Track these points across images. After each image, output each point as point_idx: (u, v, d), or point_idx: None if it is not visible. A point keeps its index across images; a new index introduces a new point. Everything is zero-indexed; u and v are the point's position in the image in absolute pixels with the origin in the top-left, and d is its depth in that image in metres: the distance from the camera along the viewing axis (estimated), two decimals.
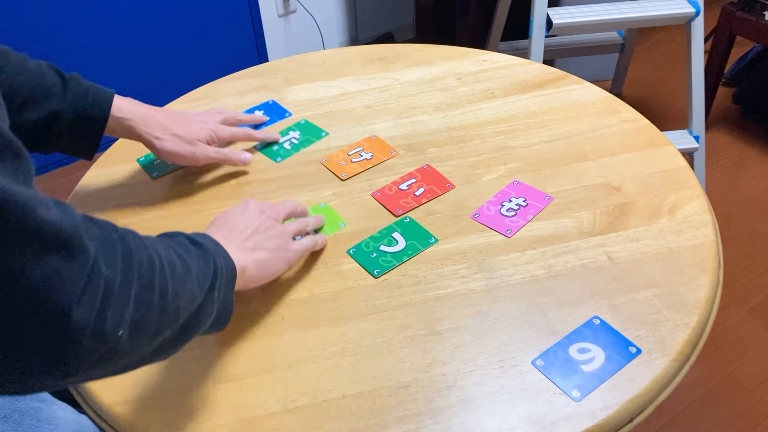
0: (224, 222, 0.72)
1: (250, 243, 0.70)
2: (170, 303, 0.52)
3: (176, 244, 0.59)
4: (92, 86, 0.82)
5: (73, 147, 0.83)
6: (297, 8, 2.39)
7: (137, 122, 0.84)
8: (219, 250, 0.63)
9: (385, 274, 0.78)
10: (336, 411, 0.64)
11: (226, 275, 0.62)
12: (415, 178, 0.91)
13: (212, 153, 0.90)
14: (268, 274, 0.71)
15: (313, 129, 1.00)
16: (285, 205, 0.79)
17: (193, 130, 0.88)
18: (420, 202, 0.87)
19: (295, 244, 0.75)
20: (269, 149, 0.97)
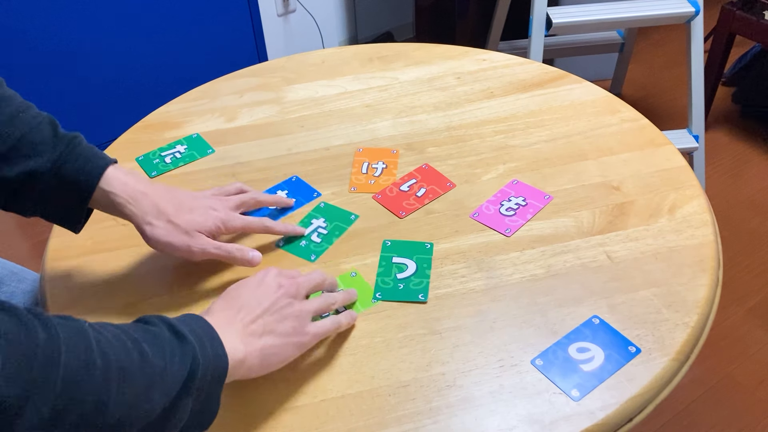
0: (235, 297, 0.64)
1: (257, 326, 0.61)
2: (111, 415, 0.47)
3: (147, 337, 0.52)
4: (90, 150, 0.71)
5: (55, 215, 0.72)
6: (296, 7, 2.39)
7: (126, 200, 0.71)
8: (209, 343, 0.56)
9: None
10: (335, 410, 0.64)
11: (212, 374, 0.55)
12: (415, 178, 0.90)
13: (212, 249, 0.73)
14: (274, 363, 0.62)
15: (338, 213, 0.86)
16: (310, 276, 0.69)
17: (195, 219, 0.74)
18: (422, 203, 0.87)
19: (313, 327, 0.65)
20: (295, 246, 0.82)
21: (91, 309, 0.75)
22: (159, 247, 0.73)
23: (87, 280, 0.79)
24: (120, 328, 0.52)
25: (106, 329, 0.50)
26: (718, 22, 1.98)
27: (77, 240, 0.84)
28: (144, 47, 2.08)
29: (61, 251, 0.83)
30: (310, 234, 0.83)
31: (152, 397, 0.50)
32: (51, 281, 0.79)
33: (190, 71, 2.18)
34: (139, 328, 0.54)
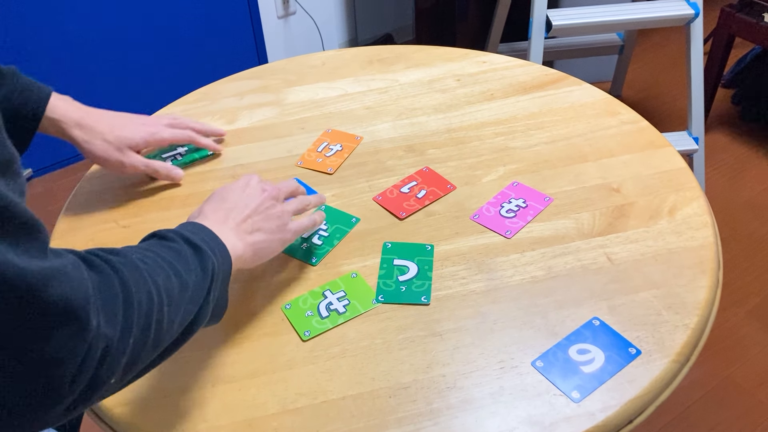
0: (223, 199, 0.71)
1: (248, 225, 0.69)
2: (165, 333, 0.53)
3: (173, 254, 0.58)
4: (29, 83, 0.79)
5: None
6: (297, 10, 2.39)
7: (69, 124, 0.82)
8: (217, 246, 0.62)
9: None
10: (335, 412, 0.64)
11: (222, 275, 0.62)
12: (415, 180, 0.91)
13: (140, 164, 0.87)
14: (263, 257, 0.71)
15: (340, 216, 0.86)
16: (287, 183, 0.77)
17: (126, 135, 0.86)
18: (423, 204, 0.87)
19: (293, 225, 0.74)
20: (297, 249, 0.82)
21: None
22: (97, 161, 0.86)
23: None
24: (153, 251, 0.57)
25: (148, 258, 0.55)
26: (718, 24, 1.99)
27: (77, 241, 0.85)
28: (145, 49, 2.08)
29: None
30: (311, 237, 0.83)
31: (188, 308, 0.57)
32: None
33: (190, 73, 2.19)
34: (163, 246, 0.59)
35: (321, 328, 0.72)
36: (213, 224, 0.65)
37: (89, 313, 0.45)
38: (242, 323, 0.73)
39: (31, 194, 2.09)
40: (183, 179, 0.93)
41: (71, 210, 0.90)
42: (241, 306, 0.75)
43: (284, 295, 0.76)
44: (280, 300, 0.76)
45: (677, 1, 1.68)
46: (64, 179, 2.13)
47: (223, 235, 0.64)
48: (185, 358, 0.70)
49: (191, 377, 0.68)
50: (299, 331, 0.72)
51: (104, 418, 0.66)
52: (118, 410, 0.65)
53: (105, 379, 0.47)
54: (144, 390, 0.67)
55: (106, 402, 0.66)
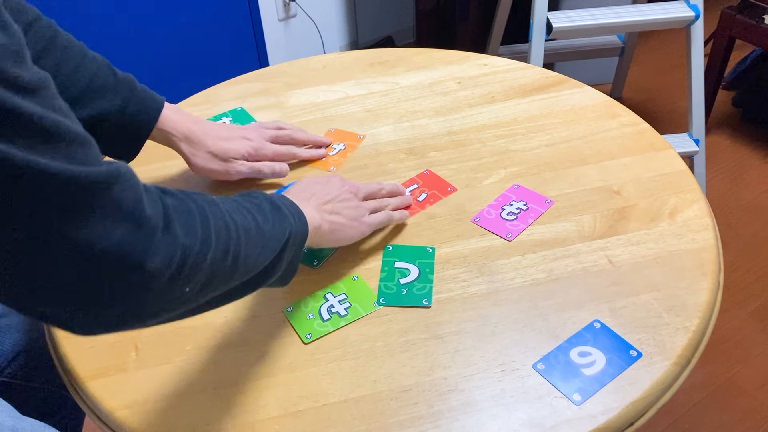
0: (306, 186, 0.76)
1: (328, 207, 0.74)
2: (241, 265, 0.56)
3: (254, 206, 0.61)
4: (144, 91, 0.83)
5: (114, 149, 0.83)
6: (297, 12, 2.39)
7: (178, 137, 0.86)
8: (296, 212, 0.67)
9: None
10: (337, 415, 0.64)
11: (298, 238, 0.66)
12: (416, 183, 0.91)
13: (245, 169, 0.90)
14: (340, 238, 0.75)
15: None
16: (368, 185, 0.82)
17: (230, 147, 0.88)
18: (424, 207, 0.87)
19: (370, 218, 0.78)
20: None
21: None
22: (202, 172, 0.89)
23: None
24: (235, 200, 0.61)
25: (227, 201, 0.59)
26: (718, 26, 1.99)
27: None
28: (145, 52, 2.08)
29: None
30: None
31: (264, 253, 0.60)
32: None
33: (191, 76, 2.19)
34: (247, 200, 0.63)
35: (322, 331, 0.72)
36: (296, 200, 0.70)
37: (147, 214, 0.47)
38: (244, 326, 0.73)
39: None
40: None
41: None
42: (243, 309, 0.75)
43: (285, 298, 0.76)
44: (282, 302, 0.76)
45: (678, 3, 1.69)
46: None
47: (304, 209, 0.69)
48: (187, 362, 0.70)
49: (193, 380, 0.68)
50: (300, 333, 0.72)
51: (106, 422, 0.67)
52: (120, 413, 0.66)
53: (181, 285, 0.50)
54: (145, 394, 0.67)
55: (108, 405, 0.66)
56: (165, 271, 0.48)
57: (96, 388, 0.68)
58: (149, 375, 0.69)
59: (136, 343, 0.72)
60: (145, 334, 0.73)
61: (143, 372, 0.69)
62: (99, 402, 0.67)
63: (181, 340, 0.72)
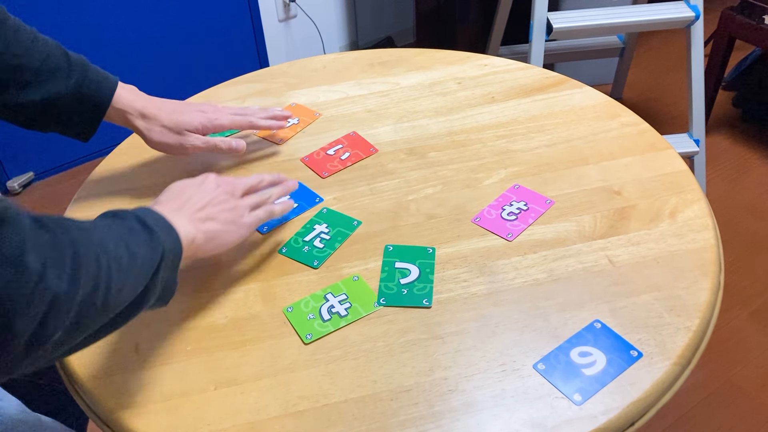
0: (180, 192, 0.73)
1: (201, 214, 0.71)
2: (112, 300, 0.54)
3: (126, 230, 0.59)
4: (97, 72, 0.84)
5: (70, 130, 0.85)
6: (298, 13, 2.39)
7: (133, 115, 0.86)
8: (167, 229, 0.64)
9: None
10: (337, 415, 0.64)
11: (172, 258, 0.63)
12: (341, 144, 0.98)
13: (200, 143, 0.89)
14: (217, 245, 0.72)
15: (341, 219, 0.86)
16: (246, 179, 0.79)
17: (184, 120, 0.89)
18: (345, 165, 0.94)
19: (248, 218, 0.75)
20: (298, 251, 0.82)
21: None
22: (158, 147, 0.89)
23: None
24: (105, 224, 0.59)
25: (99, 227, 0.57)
26: (718, 27, 1.99)
27: None
28: (146, 54, 2.08)
29: None
30: (312, 240, 0.83)
31: (137, 281, 0.58)
32: None
33: (191, 77, 2.19)
34: (116, 222, 0.60)
35: (323, 331, 0.72)
36: (167, 212, 0.67)
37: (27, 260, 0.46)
38: (244, 326, 0.73)
39: (32, 198, 2.10)
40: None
41: (73, 214, 0.90)
42: (243, 309, 0.75)
43: (285, 298, 0.76)
44: (282, 302, 0.76)
45: (678, 4, 1.69)
46: (65, 182, 2.14)
47: (176, 221, 0.66)
48: (187, 362, 0.70)
49: (193, 380, 0.68)
50: (301, 334, 0.72)
51: (107, 422, 0.67)
52: (120, 414, 0.66)
53: (51, 331, 0.48)
54: (146, 394, 0.67)
55: (108, 405, 0.66)
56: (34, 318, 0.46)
57: (96, 388, 0.68)
58: (150, 375, 0.69)
59: (136, 343, 0.72)
60: (145, 334, 0.73)
61: (144, 372, 0.69)
62: (99, 402, 0.67)
63: (181, 340, 0.72)
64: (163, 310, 0.75)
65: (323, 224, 0.85)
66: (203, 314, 0.75)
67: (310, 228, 0.85)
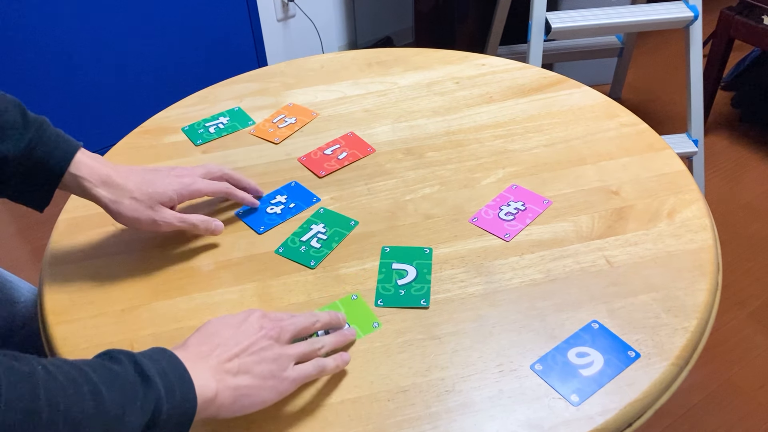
0: (213, 333, 0.62)
1: (233, 365, 0.59)
2: None
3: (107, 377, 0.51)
4: (58, 135, 0.73)
5: (21, 197, 0.74)
6: (296, 13, 2.39)
7: (94, 183, 0.74)
8: (177, 384, 0.54)
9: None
10: (334, 416, 0.64)
11: (178, 418, 0.53)
12: (339, 144, 0.98)
13: (176, 221, 0.78)
14: (247, 405, 0.60)
15: (338, 219, 0.86)
16: (296, 319, 0.66)
17: (156, 191, 0.77)
18: (342, 165, 0.94)
19: (294, 371, 0.62)
20: (295, 251, 0.81)
21: (91, 314, 0.75)
22: (127, 223, 0.77)
23: (86, 284, 0.79)
24: (79, 369, 0.50)
25: (62, 372, 0.48)
26: (717, 27, 1.99)
27: (77, 245, 0.84)
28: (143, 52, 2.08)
29: (61, 256, 0.83)
30: (309, 239, 0.83)
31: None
32: (50, 286, 0.79)
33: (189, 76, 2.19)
34: (102, 366, 0.52)
35: None
36: (190, 357, 0.58)
37: None
38: None
39: None
40: None
41: (70, 213, 0.90)
42: (239, 309, 0.75)
43: (282, 298, 0.76)
44: (278, 303, 0.75)
45: (676, 4, 1.68)
46: None
47: (197, 372, 0.56)
48: None
49: None
50: None
51: None
52: None
53: None
54: None
55: None
56: None
57: None
58: None
59: (132, 344, 0.72)
60: (141, 334, 0.73)
61: None
62: None
63: (177, 341, 0.72)
64: (158, 312, 0.75)
65: (320, 224, 0.85)
66: (199, 314, 0.75)
67: (307, 228, 0.85)
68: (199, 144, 1.01)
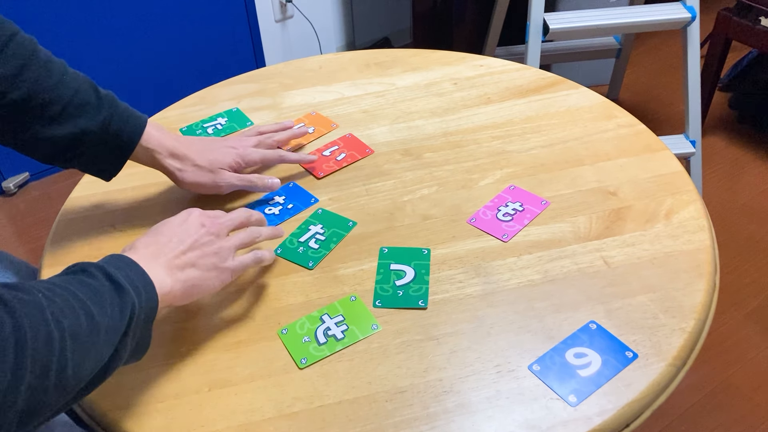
0: (158, 234, 0.68)
1: (180, 261, 0.66)
2: (70, 377, 0.51)
3: (89, 293, 0.56)
4: (126, 110, 0.80)
5: (94, 167, 0.81)
6: (294, 14, 2.39)
7: (163, 155, 0.82)
8: (141, 282, 0.60)
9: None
10: (332, 416, 0.64)
11: (145, 315, 0.60)
12: (337, 145, 0.98)
13: (235, 180, 0.86)
14: (196, 293, 0.68)
15: (336, 220, 0.86)
16: (232, 216, 0.74)
17: (216, 158, 0.85)
18: (341, 166, 0.94)
19: (233, 262, 0.70)
20: (293, 252, 0.82)
21: None
22: (191, 187, 0.85)
23: None
24: (66, 289, 0.55)
25: (56, 294, 0.53)
26: (715, 28, 1.99)
27: (74, 245, 0.84)
28: (141, 53, 2.08)
29: (59, 257, 0.83)
30: (307, 240, 0.83)
31: (100, 351, 0.55)
32: None
33: (187, 76, 2.19)
34: (81, 282, 0.57)
35: (318, 356, 0.70)
36: (142, 258, 0.64)
37: None
38: (238, 327, 0.73)
39: (27, 198, 2.09)
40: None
41: (68, 214, 0.90)
42: (237, 310, 0.75)
43: (280, 299, 0.76)
44: (276, 303, 0.75)
45: (674, 5, 1.69)
46: (61, 183, 2.13)
47: (152, 271, 0.63)
48: (181, 363, 0.70)
49: (187, 381, 0.68)
50: (296, 358, 0.69)
51: (100, 423, 0.66)
52: (113, 415, 0.65)
53: None
54: (139, 395, 0.67)
55: (102, 406, 0.66)
56: None
57: None
58: (143, 376, 0.68)
59: None
60: None
61: (137, 374, 0.69)
62: (93, 403, 0.66)
63: (175, 341, 0.72)
64: None
65: (318, 225, 0.85)
66: (196, 315, 0.75)
67: (305, 229, 0.85)
68: None
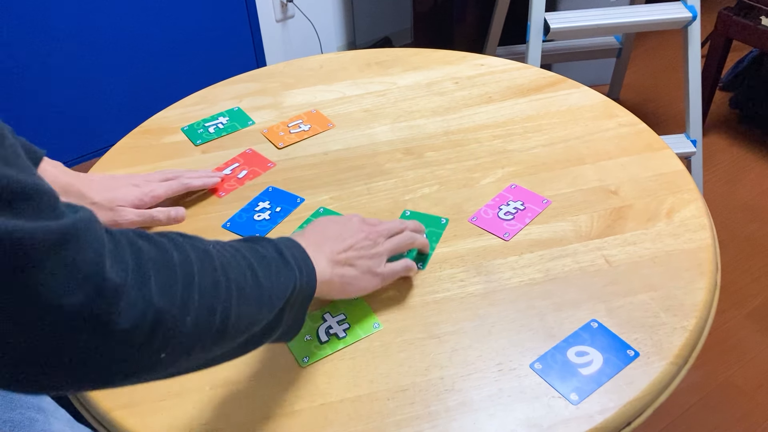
0: (323, 227, 0.72)
1: (341, 257, 0.70)
2: (231, 328, 0.52)
3: (257, 256, 0.58)
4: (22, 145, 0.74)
5: None
6: (295, 13, 2.39)
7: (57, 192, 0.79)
8: (305, 265, 0.63)
9: None
10: (334, 415, 0.64)
11: (303, 295, 0.62)
12: (237, 162, 0.97)
13: (135, 217, 0.83)
14: (351, 291, 0.71)
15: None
16: (389, 226, 0.76)
17: (116, 196, 0.82)
18: (242, 184, 0.93)
19: (386, 268, 0.73)
20: None
21: None
22: None
23: None
24: (235, 248, 0.57)
25: (225, 249, 0.55)
26: (715, 27, 1.99)
27: None
28: (143, 52, 2.08)
29: None
30: None
31: (260, 312, 0.56)
32: None
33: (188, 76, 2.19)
34: (251, 248, 0.59)
35: (320, 354, 0.70)
36: (309, 246, 0.66)
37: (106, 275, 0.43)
38: None
39: None
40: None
41: None
42: None
43: None
44: None
45: (675, 4, 1.69)
46: None
47: (315, 258, 0.65)
48: None
49: (189, 380, 0.68)
50: (297, 357, 0.70)
51: (102, 422, 0.66)
52: (116, 414, 0.65)
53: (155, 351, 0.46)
54: (141, 393, 0.67)
55: (104, 405, 0.66)
56: (133, 336, 0.44)
57: None
58: None
59: None
60: None
61: None
62: (95, 402, 0.66)
63: None
64: None
65: None
66: None
67: None
68: (198, 144, 1.01)
